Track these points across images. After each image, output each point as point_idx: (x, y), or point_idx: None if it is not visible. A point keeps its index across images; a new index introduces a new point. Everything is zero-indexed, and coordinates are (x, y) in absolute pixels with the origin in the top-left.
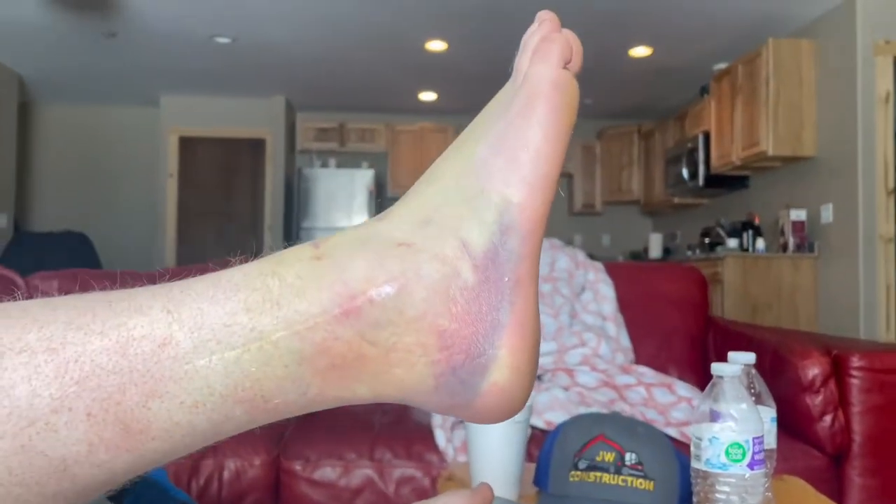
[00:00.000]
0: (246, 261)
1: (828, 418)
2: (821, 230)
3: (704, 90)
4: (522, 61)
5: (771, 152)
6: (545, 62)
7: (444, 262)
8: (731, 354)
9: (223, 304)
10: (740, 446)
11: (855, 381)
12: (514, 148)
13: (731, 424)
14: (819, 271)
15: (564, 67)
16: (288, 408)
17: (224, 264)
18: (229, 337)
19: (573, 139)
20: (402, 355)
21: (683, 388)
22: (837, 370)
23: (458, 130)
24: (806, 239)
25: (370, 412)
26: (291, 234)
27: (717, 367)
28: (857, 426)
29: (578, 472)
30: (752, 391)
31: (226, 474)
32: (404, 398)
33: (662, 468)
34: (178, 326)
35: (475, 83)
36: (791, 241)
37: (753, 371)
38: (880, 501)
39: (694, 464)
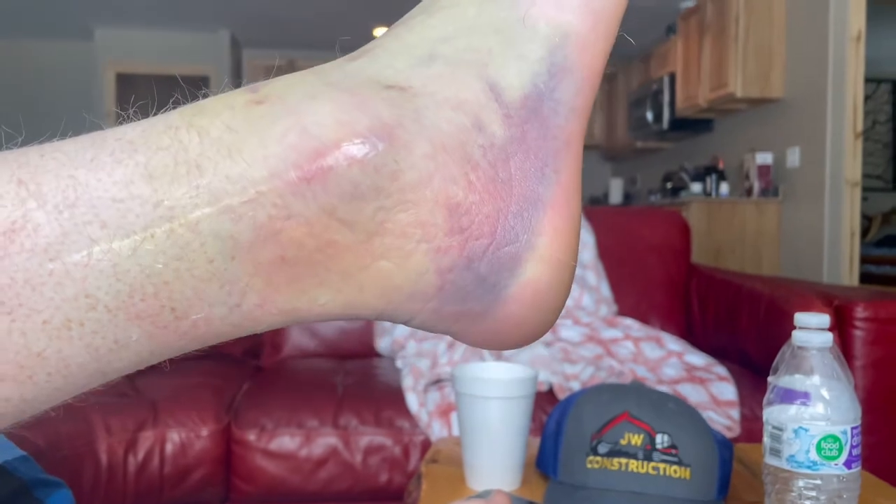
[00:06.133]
0: None
1: None
2: (786, 174)
3: (671, 30)
4: None
5: (739, 94)
6: None
7: (460, 109)
8: (800, 316)
9: (111, 169)
10: (836, 439)
11: (859, 333)
12: None
13: (821, 410)
14: (783, 215)
15: None
16: (211, 328)
17: None
18: (121, 218)
19: None
20: (393, 241)
21: (672, 342)
22: (839, 321)
23: None
24: (771, 183)
25: (332, 372)
26: None
27: (801, 337)
28: (860, 381)
29: (598, 458)
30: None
31: (168, 447)
32: (388, 308)
33: (700, 451)
34: (37, 203)
35: None
36: (756, 186)
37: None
38: (882, 459)
39: (770, 459)
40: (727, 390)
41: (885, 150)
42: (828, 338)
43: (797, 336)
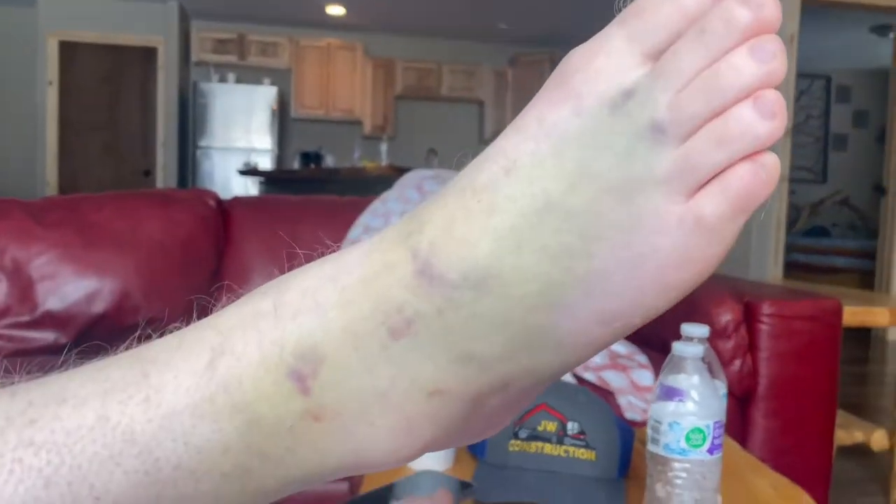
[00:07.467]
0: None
1: (737, 363)
2: None
3: None
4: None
5: None
6: (737, 215)
7: (479, 405)
8: (686, 327)
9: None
10: (701, 431)
11: (764, 328)
12: (630, 306)
13: (691, 407)
14: None
15: None
16: None
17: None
18: None
19: (484, 65)
20: None
21: None
22: (748, 316)
23: (368, 48)
24: None
25: None
26: (187, 152)
27: (679, 348)
28: (764, 370)
29: (519, 442)
30: (705, 362)
31: None
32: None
33: (604, 437)
34: None
35: None
36: None
37: (706, 344)
38: (780, 439)
39: (651, 447)
40: (645, 377)
41: (817, 143)
42: (699, 350)
43: (676, 347)
